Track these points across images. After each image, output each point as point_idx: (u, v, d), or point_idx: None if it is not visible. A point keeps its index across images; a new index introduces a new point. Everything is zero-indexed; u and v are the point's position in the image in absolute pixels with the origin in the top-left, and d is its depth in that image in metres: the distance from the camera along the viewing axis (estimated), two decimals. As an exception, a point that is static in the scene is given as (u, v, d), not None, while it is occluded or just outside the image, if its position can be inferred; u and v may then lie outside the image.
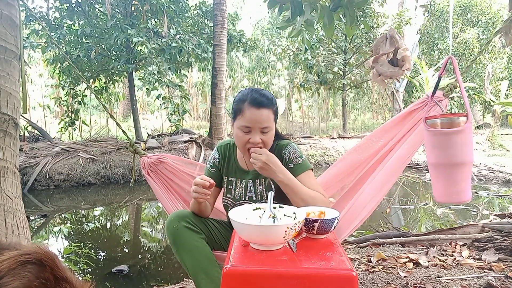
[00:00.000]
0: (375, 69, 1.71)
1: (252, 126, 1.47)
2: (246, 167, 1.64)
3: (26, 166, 6.28)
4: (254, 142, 1.48)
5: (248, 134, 1.49)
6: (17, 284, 0.76)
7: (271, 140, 1.53)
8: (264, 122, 1.47)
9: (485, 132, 11.59)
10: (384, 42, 1.68)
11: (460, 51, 11.25)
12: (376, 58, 1.70)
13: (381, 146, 1.86)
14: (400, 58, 1.69)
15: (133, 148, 2.15)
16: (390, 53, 1.70)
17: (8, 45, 2.09)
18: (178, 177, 2.04)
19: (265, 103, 1.47)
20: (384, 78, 1.71)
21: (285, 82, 15.81)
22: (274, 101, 1.53)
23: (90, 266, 3.17)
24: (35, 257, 0.81)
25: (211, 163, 1.68)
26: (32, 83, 12.16)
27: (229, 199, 1.65)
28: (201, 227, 1.50)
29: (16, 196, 2.18)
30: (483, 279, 1.98)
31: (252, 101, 1.47)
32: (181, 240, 1.43)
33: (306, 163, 1.58)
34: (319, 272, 1.00)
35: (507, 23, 1.64)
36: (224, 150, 1.68)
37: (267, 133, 1.49)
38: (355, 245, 2.90)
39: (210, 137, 8.05)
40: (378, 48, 1.70)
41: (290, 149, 1.59)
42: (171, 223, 1.45)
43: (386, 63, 1.71)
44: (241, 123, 1.49)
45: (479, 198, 5.42)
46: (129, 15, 8.05)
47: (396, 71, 1.70)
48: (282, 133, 1.70)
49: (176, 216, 1.48)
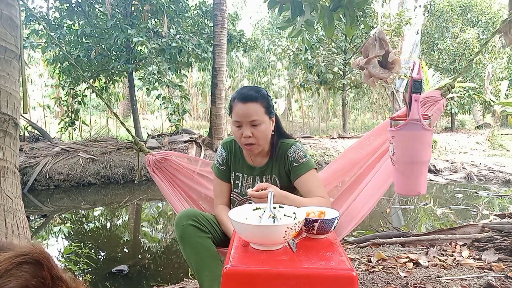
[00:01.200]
0: (367, 70, 1.73)
1: (241, 120, 1.54)
2: (252, 162, 1.67)
3: (26, 166, 6.28)
4: (246, 136, 1.53)
5: (240, 129, 1.55)
6: (14, 284, 0.76)
7: (263, 133, 1.55)
8: (251, 115, 1.52)
9: (485, 132, 11.60)
10: (374, 44, 1.70)
11: (460, 51, 11.25)
12: (368, 60, 1.72)
13: (380, 144, 1.87)
14: (391, 61, 1.71)
15: (138, 146, 2.16)
16: (380, 55, 1.72)
17: (8, 45, 2.09)
18: (183, 173, 2.06)
19: (252, 97, 1.53)
20: (375, 79, 1.74)
21: (285, 82, 15.81)
22: (263, 95, 1.56)
23: (90, 266, 3.17)
24: (32, 257, 0.81)
25: (220, 161, 1.72)
26: (32, 83, 12.16)
27: (236, 194, 1.69)
28: (207, 225, 1.53)
29: (16, 196, 2.17)
30: (483, 279, 1.98)
31: (239, 96, 1.54)
32: (188, 238, 1.47)
33: (311, 163, 1.61)
34: (319, 272, 1.00)
35: (506, 23, 1.64)
36: (230, 146, 1.72)
37: (257, 127, 1.53)
38: (355, 245, 2.90)
39: (210, 137, 8.05)
40: (368, 50, 1.72)
41: (295, 149, 1.62)
42: (180, 220, 1.49)
43: (378, 65, 1.73)
44: (233, 119, 1.57)
45: (479, 198, 5.42)
46: (129, 15, 8.05)
47: (386, 73, 1.72)
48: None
49: (185, 214, 1.51)
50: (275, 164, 1.64)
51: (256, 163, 1.67)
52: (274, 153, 1.63)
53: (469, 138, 10.88)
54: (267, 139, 1.59)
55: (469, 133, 11.94)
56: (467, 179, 6.76)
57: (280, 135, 1.67)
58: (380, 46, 1.69)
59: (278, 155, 1.64)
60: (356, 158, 1.91)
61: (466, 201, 5.25)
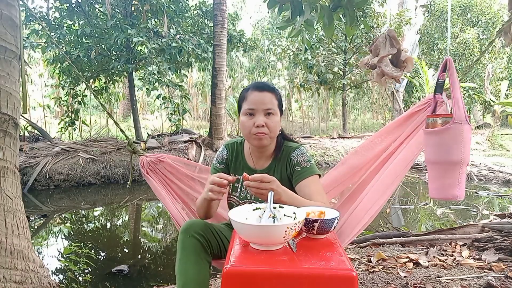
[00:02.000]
0: (379, 69, 1.71)
1: (255, 107, 1.49)
2: (253, 165, 1.62)
3: (26, 166, 6.28)
4: (259, 124, 1.48)
5: (252, 118, 1.50)
6: None
7: (275, 126, 1.52)
8: (267, 103, 1.49)
9: (485, 132, 11.60)
10: (384, 42, 1.68)
11: (460, 51, 11.25)
12: (381, 59, 1.70)
13: (384, 148, 1.83)
14: (404, 59, 1.70)
15: (132, 147, 2.13)
16: (393, 54, 1.70)
17: (8, 45, 2.10)
18: (177, 177, 2.03)
19: (268, 87, 1.53)
20: (387, 78, 1.72)
21: (285, 82, 15.81)
22: (277, 90, 1.56)
23: (90, 266, 3.17)
24: None
25: (219, 159, 1.68)
26: (32, 83, 12.17)
27: (234, 197, 1.63)
28: (212, 242, 1.43)
29: (16, 196, 2.18)
30: (483, 279, 1.98)
31: (255, 86, 1.53)
32: (188, 254, 1.36)
33: (314, 168, 1.56)
34: (319, 272, 1.00)
35: (509, 23, 1.64)
36: (232, 147, 1.68)
37: (271, 116, 1.50)
38: (355, 245, 2.90)
39: (210, 137, 8.05)
40: (378, 49, 1.70)
41: (299, 152, 1.57)
42: (187, 230, 1.38)
43: (390, 64, 1.71)
44: (246, 107, 1.51)
45: (479, 198, 5.42)
46: (129, 15, 8.05)
47: (399, 71, 1.71)
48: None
49: (194, 225, 1.40)
50: (277, 167, 1.59)
51: (258, 165, 1.61)
52: (278, 155, 1.59)
53: (469, 138, 10.86)
54: (276, 133, 1.55)
55: (469, 133, 11.92)
56: (467, 179, 6.76)
57: (284, 138, 1.64)
58: (391, 44, 1.68)
59: (281, 157, 1.59)
60: (359, 163, 1.86)
61: (466, 201, 5.25)
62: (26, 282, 2.05)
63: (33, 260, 2.16)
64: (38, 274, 2.15)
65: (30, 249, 2.18)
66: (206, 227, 1.44)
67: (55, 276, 3.02)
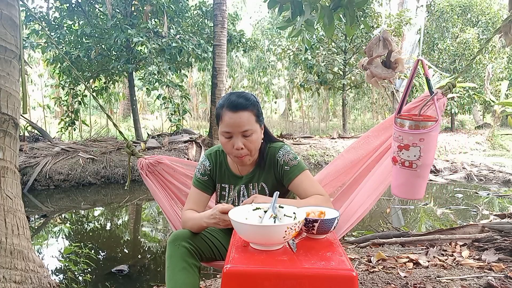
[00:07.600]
0: (369, 70, 1.73)
1: (232, 131, 1.43)
2: (238, 172, 1.61)
3: (26, 166, 6.28)
4: (237, 148, 1.44)
5: (230, 139, 1.45)
6: None
7: (255, 143, 1.48)
8: (243, 125, 1.42)
9: (485, 132, 11.60)
10: (378, 44, 1.70)
11: (460, 51, 11.24)
12: (370, 60, 1.71)
13: (379, 144, 1.86)
14: (394, 60, 1.71)
15: (130, 149, 2.11)
16: (384, 55, 1.71)
17: (8, 45, 2.10)
18: (176, 178, 2.02)
19: (242, 105, 1.42)
20: (378, 79, 1.73)
21: (285, 82, 15.81)
22: (254, 102, 1.47)
23: (90, 266, 3.17)
24: None
25: (202, 171, 1.62)
26: (32, 83, 12.15)
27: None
28: (202, 247, 1.46)
29: (16, 196, 2.18)
30: (483, 279, 1.98)
31: (229, 105, 1.42)
32: (176, 261, 1.38)
33: (302, 164, 1.56)
34: (319, 272, 1.00)
35: (507, 22, 1.64)
36: (215, 158, 1.64)
37: (249, 137, 1.45)
38: (355, 245, 2.90)
39: (210, 137, 8.06)
40: (372, 50, 1.72)
41: (284, 152, 1.55)
42: (174, 240, 1.41)
43: (380, 65, 1.72)
44: (222, 129, 1.46)
45: (479, 198, 5.42)
46: (129, 15, 8.05)
47: (390, 73, 1.71)
48: (282, 133, 1.70)
49: (181, 235, 1.43)
50: (262, 171, 1.57)
51: (242, 171, 1.59)
52: (262, 160, 1.57)
53: (469, 138, 10.89)
54: (257, 149, 1.52)
55: (469, 133, 11.94)
56: (467, 179, 6.76)
57: (268, 140, 1.60)
58: (384, 45, 1.69)
59: (266, 161, 1.57)
60: (355, 159, 1.89)
61: (466, 201, 5.25)
62: (26, 282, 2.05)
63: (33, 260, 2.16)
64: (38, 274, 2.15)
65: (30, 249, 2.18)
66: (192, 234, 1.46)
67: (55, 276, 3.02)
